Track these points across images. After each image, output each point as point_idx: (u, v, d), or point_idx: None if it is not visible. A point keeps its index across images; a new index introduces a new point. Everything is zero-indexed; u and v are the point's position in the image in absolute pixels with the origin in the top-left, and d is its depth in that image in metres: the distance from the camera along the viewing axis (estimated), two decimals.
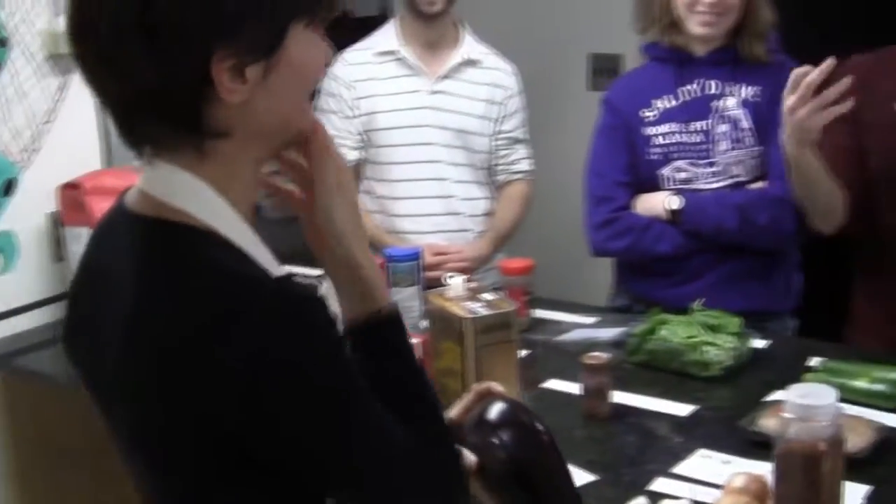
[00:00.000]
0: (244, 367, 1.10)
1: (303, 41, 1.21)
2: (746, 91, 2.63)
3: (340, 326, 1.28)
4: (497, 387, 1.56)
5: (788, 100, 2.23)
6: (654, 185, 2.68)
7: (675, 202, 2.62)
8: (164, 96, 1.15)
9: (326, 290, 1.32)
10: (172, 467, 1.21)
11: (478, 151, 3.13)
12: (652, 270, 2.72)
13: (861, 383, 2.10)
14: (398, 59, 3.10)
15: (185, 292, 1.15)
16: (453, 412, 1.55)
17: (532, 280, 2.65)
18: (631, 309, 2.76)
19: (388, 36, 3.14)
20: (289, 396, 1.13)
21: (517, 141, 3.19)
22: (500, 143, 3.15)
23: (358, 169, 3.13)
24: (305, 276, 1.47)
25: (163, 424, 1.17)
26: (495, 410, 1.51)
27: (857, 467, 1.73)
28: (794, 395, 1.59)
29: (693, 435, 2.04)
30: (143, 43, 1.12)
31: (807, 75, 2.21)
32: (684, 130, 2.64)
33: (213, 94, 1.16)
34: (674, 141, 2.65)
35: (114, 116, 1.22)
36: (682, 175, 2.65)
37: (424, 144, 3.07)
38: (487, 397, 1.55)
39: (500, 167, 3.18)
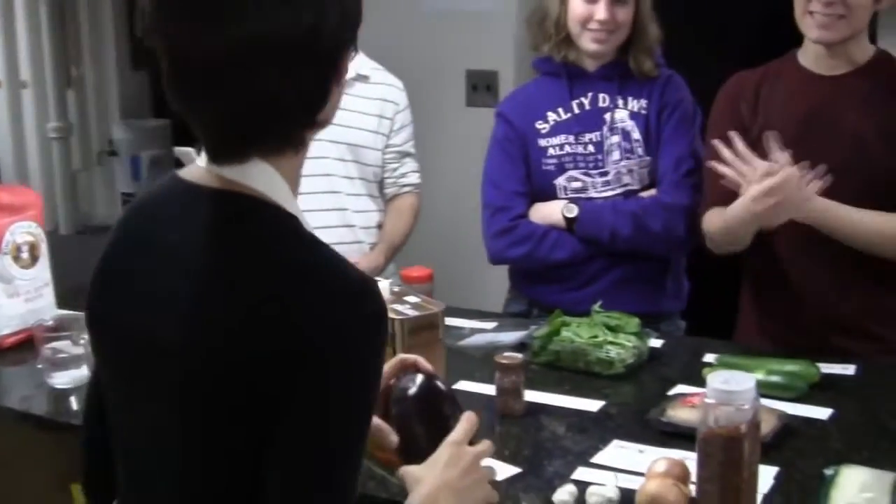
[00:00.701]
0: (320, 337, 1.19)
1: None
2: (635, 104, 2.77)
3: None
4: (423, 361, 1.63)
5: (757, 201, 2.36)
6: (549, 195, 2.80)
7: (571, 210, 2.74)
8: (310, 96, 1.26)
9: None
10: (207, 431, 1.26)
11: (370, 165, 3.20)
12: (548, 276, 2.83)
13: (759, 376, 2.23)
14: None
15: (265, 261, 1.22)
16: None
17: (432, 288, 2.73)
18: (528, 314, 2.87)
19: None
20: (343, 374, 1.21)
21: (406, 154, 3.27)
22: (389, 156, 3.23)
23: None
24: None
25: (211, 388, 1.23)
26: (419, 386, 1.59)
27: (764, 451, 1.85)
28: (715, 382, 1.71)
29: (606, 427, 2.14)
30: (302, 51, 1.23)
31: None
32: (577, 142, 2.77)
33: (336, 84, 1.29)
34: (567, 152, 2.77)
35: (233, 129, 1.27)
36: (576, 184, 2.78)
37: (318, 158, 3.11)
38: (410, 368, 1.62)
39: (390, 180, 3.26)
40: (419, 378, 1.60)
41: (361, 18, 1.32)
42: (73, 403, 2.35)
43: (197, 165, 1.33)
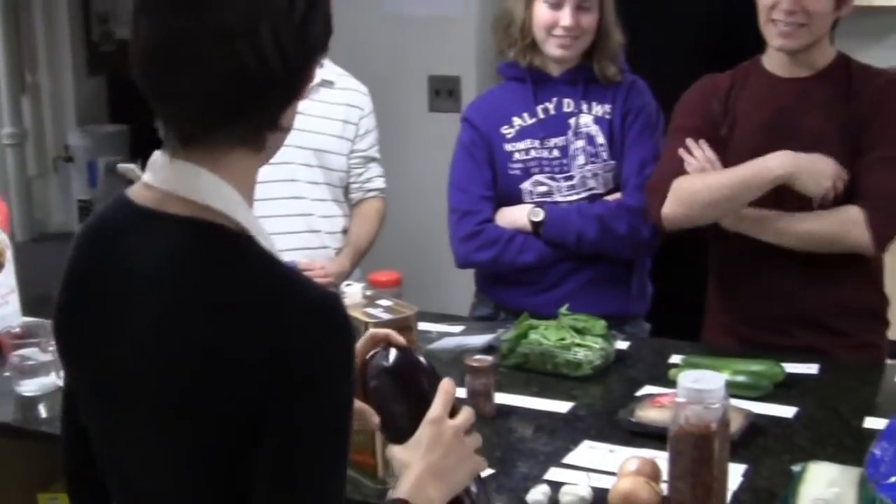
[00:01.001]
0: (299, 355, 1.21)
1: None
2: (599, 108, 2.81)
3: None
4: (394, 334, 1.61)
5: None
6: (515, 199, 2.83)
7: (537, 214, 2.77)
8: (285, 91, 1.27)
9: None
10: (193, 452, 1.27)
11: (335, 170, 3.20)
12: (514, 280, 2.86)
13: (725, 376, 2.26)
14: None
15: (235, 285, 1.23)
16: None
17: (400, 292, 2.74)
18: (494, 317, 2.89)
19: None
20: (321, 392, 1.23)
21: (371, 159, 3.28)
22: (354, 161, 3.23)
23: None
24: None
25: (193, 412, 1.24)
26: (393, 361, 1.57)
27: (733, 449, 1.89)
28: (686, 381, 1.74)
29: (576, 428, 2.17)
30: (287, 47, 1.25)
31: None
32: (542, 146, 2.80)
33: (303, 90, 1.30)
34: (532, 156, 2.80)
35: (198, 111, 1.27)
36: (542, 189, 2.81)
37: (283, 164, 3.11)
38: (382, 342, 1.60)
39: (355, 185, 3.26)
40: (392, 353, 1.58)
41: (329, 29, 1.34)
42: (42, 411, 2.34)
43: (143, 183, 1.34)
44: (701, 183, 2.55)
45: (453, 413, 1.52)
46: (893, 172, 2.48)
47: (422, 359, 1.61)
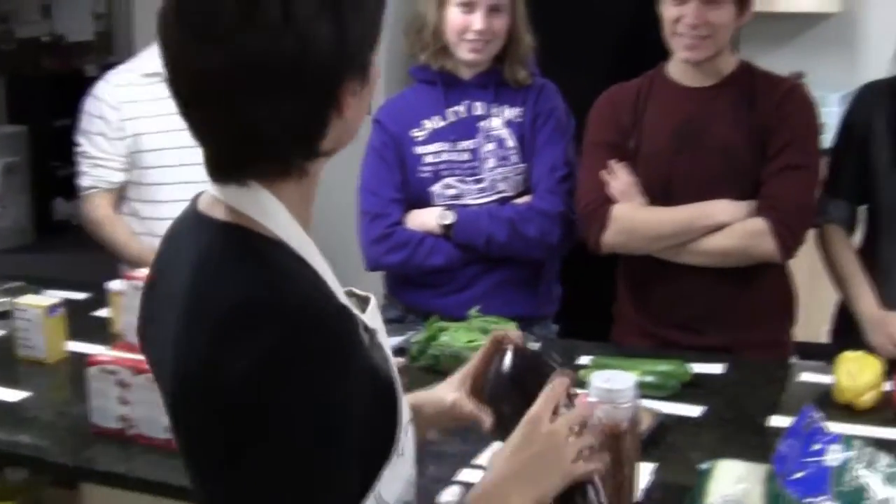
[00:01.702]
0: (257, 365, 1.13)
1: (372, 69, 1.27)
2: (510, 112, 2.82)
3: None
4: (511, 333, 1.54)
5: None
6: (425, 202, 2.83)
7: (448, 217, 2.78)
8: (298, 128, 1.21)
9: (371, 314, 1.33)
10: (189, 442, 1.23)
11: None
12: (424, 282, 2.86)
13: (633, 376, 2.30)
14: (166, 80, 3.10)
15: (238, 277, 1.18)
16: (472, 363, 1.56)
17: None
18: (404, 320, 2.89)
19: (154, 56, 3.13)
20: (265, 423, 1.13)
21: None
22: None
23: (122, 191, 3.13)
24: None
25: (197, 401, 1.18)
26: (505, 363, 1.49)
27: (642, 448, 1.91)
28: (597, 381, 1.77)
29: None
30: (283, 80, 1.17)
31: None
32: (453, 149, 2.81)
33: (336, 116, 1.22)
34: (443, 159, 2.81)
35: (222, 153, 1.23)
36: (452, 192, 2.82)
37: (193, 165, 3.04)
38: (504, 343, 1.52)
39: None
40: (508, 355, 1.50)
41: (372, 43, 1.25)
42: None
43: (213, 193, 1.29)
44: (644, 217, 2.62)
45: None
46: (796, 181, 2.55)
47: (546, 360, 1.54)
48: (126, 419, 2.13)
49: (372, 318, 1.30)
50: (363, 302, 1.37)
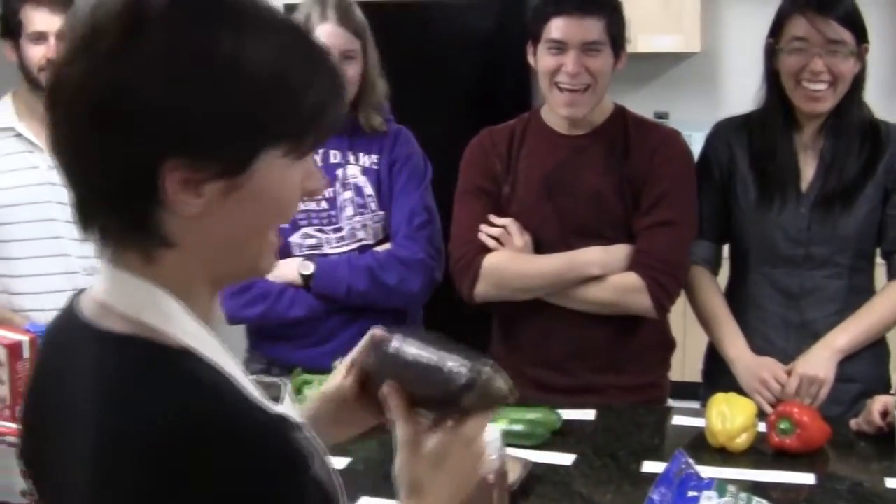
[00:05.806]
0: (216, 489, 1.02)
1: (277, 170, 1.12)
2: (366, 159, 2.78)
3: None
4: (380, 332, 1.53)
5: None
6: (284, 253, 2.76)
7: (308, 267, 2.71)
8: (113, 191, 1.07)
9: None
10: None
11: None
12: (286, 334, 2.80)
13: (502, 425, 2.26)
14: (16, 136, 2.98)
15: (164, 409, 1.04)
16: (351, 356, 1.53)
17: None
18: (268, 372, 2.81)
19: (3, 112, 3.01)
20: None
21: None
22: None
23: None
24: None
25: None
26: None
27: (512, 499, 1.88)
28: None
29: (355, 485, 2.09)
30: (95, 134, 1.05)
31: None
32: (310, 199, 2.74)
33: (166, 200, 1.07)
34: (300, 209, 2.74)
35: (74, 204, 1.11)
36: (311, 241, 2.76)
37: (46, 220, 2.95)
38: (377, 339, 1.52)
39: None
40: (391, 342, 1.52)
41: (198, 135, 1.05)
42: None
43: (93, 289, 1.18)
44: (516, 269, 2.60)
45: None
46: (668, 237, 2.54)
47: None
48: None
49: (291, 409, 1.20)
50: (273, 388, 1.28)
